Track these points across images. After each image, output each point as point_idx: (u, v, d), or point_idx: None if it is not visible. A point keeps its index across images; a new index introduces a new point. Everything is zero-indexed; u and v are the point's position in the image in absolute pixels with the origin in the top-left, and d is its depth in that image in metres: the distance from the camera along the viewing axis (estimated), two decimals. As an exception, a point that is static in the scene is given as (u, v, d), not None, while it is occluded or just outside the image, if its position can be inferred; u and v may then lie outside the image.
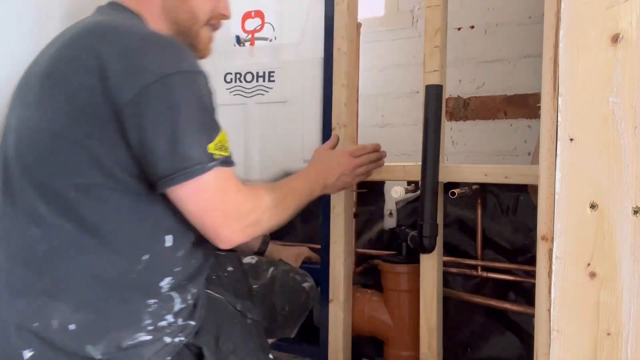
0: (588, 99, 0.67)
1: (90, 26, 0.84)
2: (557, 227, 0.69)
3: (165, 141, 0.76)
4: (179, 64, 0.79)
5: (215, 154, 0.79)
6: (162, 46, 0.81)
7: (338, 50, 1.40)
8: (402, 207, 1.78)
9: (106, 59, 0.77)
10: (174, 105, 0.76)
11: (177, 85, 0.77)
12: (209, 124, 0.81)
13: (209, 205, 0.80)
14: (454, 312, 1.60)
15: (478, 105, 2.11)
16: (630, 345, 0.66)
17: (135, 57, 0.77)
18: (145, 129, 0.76)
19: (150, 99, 0.75)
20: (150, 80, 0.75)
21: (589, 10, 0.67)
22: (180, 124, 0.76)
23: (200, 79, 0.81)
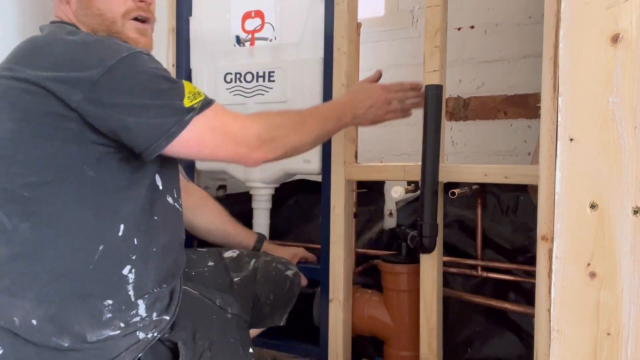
0: (588, 99, 0.67)
1: (23, 45, 0.87)
2: (557, 227, 0.69)
3: (136, 117, 0.80)
4: (117, 53, 0.81)
5: (194, 104, 0.83)
6: (95, 45, 0.84)
7: (338, 50, 1.40)
8: (402, 207, 1.78)
9: (43, 70, 0.81)
10: (130, 89, 0.81)
11: (125, 70, 0.81)
12: (171, 86, 0.84)
13: (216, 143, 0.87)
14: (454, 312, 1.60)
15: (478, 105, 2.11)
16: (630, 345, 0.66)
17: (74, 61, 0.81)
18: (113, 118, 0.80)
19: (106, 90, 0.79)
20: (97, 75, 0.79)
21: (589, 10, 0.67)
22: (145, 104, 0.81)
23: (141, 56, 0.85)
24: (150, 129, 0.81)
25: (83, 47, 0.83)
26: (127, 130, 0.81)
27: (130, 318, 0.86)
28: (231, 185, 2.25)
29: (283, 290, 1.22)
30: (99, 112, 0.80)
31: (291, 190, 1.95)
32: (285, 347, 1.65)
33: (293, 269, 1.28)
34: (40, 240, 0.81)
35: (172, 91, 0.83)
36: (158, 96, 0.82)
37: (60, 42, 0.84)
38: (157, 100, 0.82)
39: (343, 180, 1.41)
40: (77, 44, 0.83)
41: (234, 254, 1.23)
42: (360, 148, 1.60)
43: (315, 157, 1.52)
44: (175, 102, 0.82)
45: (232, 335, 1.00)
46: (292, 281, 1.25)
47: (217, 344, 0.94)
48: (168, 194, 0.96)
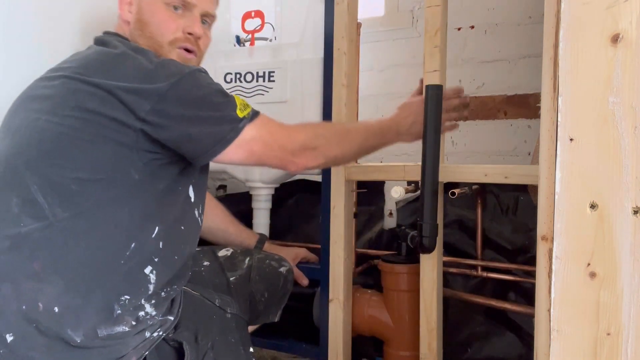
0: (588, 99, 0.67)
1: (94, 55, 0.95)
2: (557, 227, 0.69)
3: (197, 127, 0.89)
4: (181, 70, 0.90)
5: (245, 114, 0.92)
6: (161, 63, 0.92)
7: (338, 50, 1.40)
8: (402, 207, 1.78)
9: (115, 79, 0.88)
10: (193, 101, 0.89)
11: (188, 85, 0.90)
12: (225, 100, 0.93)
13: (264, 150, 0.95)
14: (454, 312, 1.60)
15: (478, 105, 2.11)
16: (630, 345, 0.66)
17: (144, 75, 0.88)
18: (176, 128, 0.88)
19: (172, 102, 0.88)
20: (165, 89, 0.87)
21: (589, 10, 0.67)
22: (202, 114, 0.90)
23: (200, 73, 0.94)
24: (209, 136, 0.90)
25: (151, 64, 0.90)
26: (189, 138, 0.89)
27: (140, 316, 0.88)
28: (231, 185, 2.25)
29: (277, 287, 1.23)
30: (164, 121, 0.87)
31: (291, 190, 1.95)
32: (285, 347, 1.65)
33: (286, 265, 1.29)
34: (77, 230, 0.85)
35: (228, 104, 0.92)
36: (216, 108, 0.91)
37: (130, 57, 0.91)
38: (216, 112, 0.91)
39: (343, 180, 1.41)
40: (145, 62, 0.90)
41: (227, 252, 1.24)
42: (360, 148, 1.60)
43: (315, 157, 1.51)
44: (230, 113, 0.91)
45: (232, 334, 1.01)
46: (286, 277, 1.26)
47: (218, 344, 0.95)
48: (196, 208, 1.01)
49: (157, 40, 1.03)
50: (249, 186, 1.66)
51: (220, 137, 0.90)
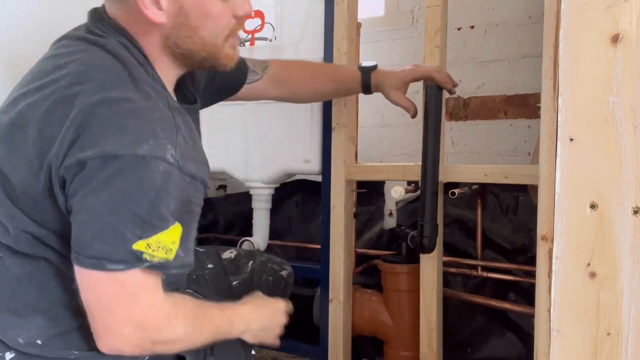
0: (588, 99, 0.67)
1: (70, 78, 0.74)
2: (557, 227, 0.69)
3: (83, 221, 0.70)
4: (135, 146, 0.68)
5: (146, 254, 0.69)
6: (128, 119, 0.70)
7: (338, 50, 1.40)
8: (402, 207, 1.78)
9: (63, 123, 0.71)
10: (106, 186, 0.68)
11: (118, 168, 0.68)
12: (145, 217, 0.69)
13: (104, 304, 0.72)
14: (454, 312, 1.60)
15: (478, 105, 2.12)
16: (630, 345, 0.66)
17: (89, 127, 0.69)
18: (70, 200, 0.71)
19: (83, 174, 0.69)
20: (90, 155, 0.68)
21: (589, 10, 0.67)
22: (99, 211, 0.69)
23: (156, 165, 0.69)
24: (77, 238, 0.70)
25: (112, 114, 0.70)
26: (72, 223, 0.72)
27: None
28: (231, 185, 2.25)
29: (277, 292, 1.22)
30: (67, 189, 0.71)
31: (291, 190, 1.95)
32: (285, 347, 1.65)
33: (287, 269, 1.28)
34: (58, 272, 0.78)
35: (141, 223, 0.69)
36: (122, 216, 0.68)
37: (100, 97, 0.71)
38: (116, 217, 0.68)
39: (343, 180, 1.41)
40: (110, 107, 0.71)
41: (231, 254, 1.23)
42: (360, 148, 1.61)
43: (315, 157, 1.52)
44: (127, 235, 0.68)
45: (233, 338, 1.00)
46: (287, 281, 1.26)
47: (219, 347, 0.94)
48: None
49: (212, 42, 0.84)
50: (249, 186, 1.66)
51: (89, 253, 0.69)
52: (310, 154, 1.52)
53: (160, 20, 0.78)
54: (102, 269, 0.69)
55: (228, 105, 1.63)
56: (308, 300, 1.58)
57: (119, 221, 0.69)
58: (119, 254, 0.69)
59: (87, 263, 0.70)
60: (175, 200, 0.72)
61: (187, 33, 0.81)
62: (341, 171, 1.41)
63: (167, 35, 0.81)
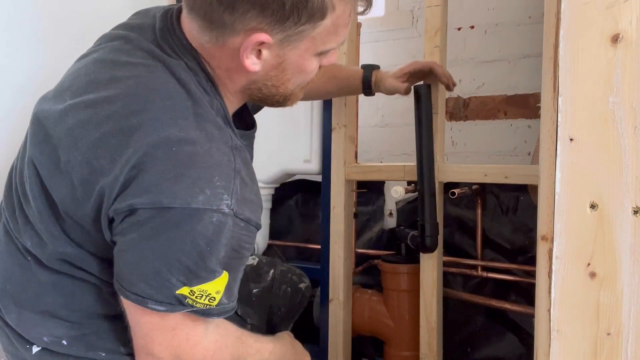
0: (588, 99, 0.67)
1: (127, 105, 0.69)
2: (557, 227, 0.69)
3: (129, 261, 0.69)
4: (189, 199, 0.65)
5: (189, 299, 0.69)
6: (185, 167, 0.66)
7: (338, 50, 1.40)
8: (402, 207, 1.78)
9: (116, 159, 0.67)
10: (156, 235, 0.66)
11: (169, 219, 0.65)
12: (192, 268, 0.68)
13: (145, 332, 0.72)
14: (454, 312, 1.60)
15: (478, 105, 2.11)
16: (630, 345, 0.66)
17: (143, 171, 0.66)
18: (117, 237, 0.70)
19: (133, 220, 0.66)
20: (143, 204, 0.65)
21: (589, 10, 0.67)
22: (150, 256, 0.67)
23: (210, 217, 0.67)
24: (121, 275, 0.70)
25: (168, 158, 0.66)
26: (116, 257, 0.71)
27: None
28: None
29: (294, 303, 1.22)
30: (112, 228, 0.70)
31: (291, 190, 1.95)
32: (285, 347, 1.64)
33: (306, 282, 1.27)
34: (83, 286, 0.79)
35: (188, 272, 0.67)
36: (169, 263, 0.67)
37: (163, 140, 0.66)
38: (163, 263, 0.67)
39: (343, 180, 1.41)
40: (168, 149, 0.66)
41: (253, 261, 1.22)
42: (360, 148, 1.60)
43: (315, 157, 1.52)
44: (172, 280, 0.67)
45: None
46: (304, 294, 1.25)
47: None
48: None
49: (292, 90, 0.81)
50: (249, 186, 1.66)
51: (134, 292, 0.68)
52: (310, 154, 1.52)
53: (255, 69, 0.73)
54: (144, 306, 0.69)
55: (228, 105, 1.63)
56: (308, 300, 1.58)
57: (165, 267, 0.67)
58: (162, 296, 0.68)
59: (130, 297, 0.69)
60: (225, 247, 0.69)
61: (276, 83, 0.78)
62: (341, 171, 1.41)
63: (255, 81, 0.77)
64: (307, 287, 1.26)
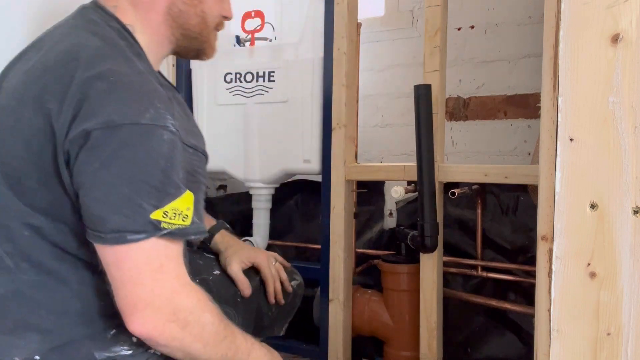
0: (588, 99, 0.67)
1: (61, 58, 0.76)
2: (557, 227, 0.69)
3: (96, 197, 0.69)
4: (137, 116, 0.70)
5: (164, 222, 0.70)
6: (127, 91, 0.72)
7: (338, 50, 1.40)
8: (402, 207, 1.78)
9: (62, 99, 0.71)
10: (115, 159, 0.69)
11: (124, 138, 0.69)
12: (159, 186, 0.70)
13: (131, 277, 0.71)
14: (454, 312, 1.60)
15: (478, 105, 2.11)
16: (630, 345, 0.66)
17: (89, 100, 0.70)
18: (79, 176, 0.70)
19: (89, 146, 0.69)
20: (94, 126, 0.68)
21: (589, 10, 0.67)
22: (111, 182, 0.69)
23: (161, 133, 0.71)
24: (91, 215, 0.70)
25: (112, 87, 0.71)
26: (79, 197, 0.71)
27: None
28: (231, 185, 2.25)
29: (286, 302, 1.20)
30: (73, 164, 0.71)
31: (291, 190, 1.95)
32: (285, 347, 1.65)
33: (297, 280, 1.25)
34: (44, 284, 0.77)
35: (156, 192, 0.70)
36: (136, 187, 0.69)
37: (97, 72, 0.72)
38: (130, 188, 0.69)
39: (343, 180, 1.41)
40: (110, 82, 0.72)
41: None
42: (360, 148, 1.61)
43: (315, 157, 1.52)
44: (143, 205, 0.69)
45: None
46: (295, 292, 1.23)
47: None
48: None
49: (207, 20, 0.91)
50: (249, 186, 1.66)
51: (109, 228, 0.69)
52: (310, 154, 1.52)
53: None
54: (124, 242, 0.69)
55: (228, 105, 1.63)
56: (308, 300, 1.58)
57: (134, 192, 0.69)
58: (138, 224, 0.69)
59: (108, 239, 0.70)
60: (182, 169, 0.74)
61: (192, 3, 0.88)
62: (341, 171, 1.41)
63: (174, 1, 0.86)
64: (300, 284, 1.24)
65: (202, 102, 1.67)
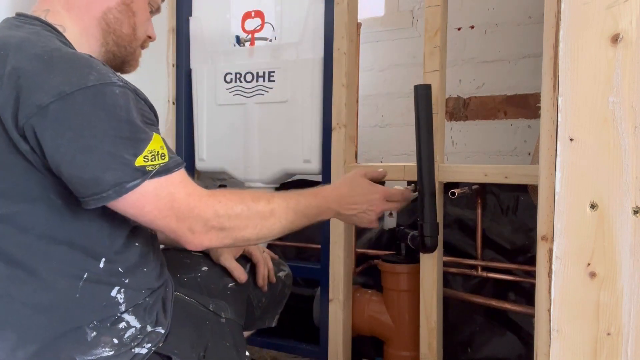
0: (588, 99, 0.67)
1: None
2: (557, 227, 0.69)
3: (82, 163, 0.72)
4: (83, 80, 0.73)
5: (148, 166, 0.74)
6: (64, 62, 0.74)
7: (338, 50, 1.40)
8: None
9: (2, 81, 0.73)
10: (79, 125, 0.72)
11: (80, 104, 0.71)
12: (131, 136, 0.74)
13: (157, 215, 0.76)
14: (454, 312, 1.60)
15: (478, 105, 2.12)
16: (630, 345, 0.66)
17: (28, 77, 0.72)
18: (56, 153, 0.72)
19: (52, 120, 0.71)
20: (48, 99, 0.70)
21: (589, 10, 0.67)
22: (90, 145, 0.72)
23: (111, 89, 0.74)
24: (85, 181, 0.72)
25: (50, 62, 0.73)
26: (63, 172, 0.73)
27: (123, 332, 0.82)
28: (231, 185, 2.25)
29: (275, 293, 1.21)
30: (40, 141, 0.72)
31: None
32: (285, 347, 1.65)
33: (285, 270, 1.27)
34: (13, 277, 0.77)
35: (130, 142, 0.73)
36: (111, 141, 0.72)
37: (29, 52, 0.75)
38: (107, 145, 0.72)
39: (343, 180, 1.41)
40: (45, 57, 0.74)
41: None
42: (360, 148, 1.61)
43: (315, 157, 1.52)
44: (125, 156, 0.72)
45: (226, 339, 0.98)
46: (284, 283, 1.24)
47: (211, 349, 0.92)
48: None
49: (137, 33, 0.96)
50: (249, 186, 1.66)
51: (102, 187, 0.72)
52: (310, 154, 1.52)
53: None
54: (125, 192, 0.73)
55: (228, 105, 1.63)
56: (308, 300, 1.58)
57: (112, 148, 0.73)
58: (128, 175, 0.73)
59: (111, 195, 0.73)
60: (141, 116, 0.77)
61: (127, 14, 0.93)
62: (341, 171, 1.41)
63: (110, 8, 0.91)
64: (287, 275, 1.26)
65: (202, 102, 1.67)
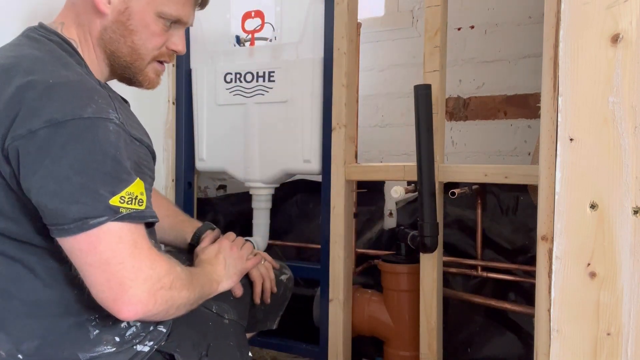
0: (588, 99, 0.67)
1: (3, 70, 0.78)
2: (557, 227, 0.69)
3: (51, 191, 0.70)
4: (79, 111, 0.72)
5: (122, 207, 0.72)
6: (67, 92, 0.74)
7: (338, 50, 1.40)
8: (402, 207, 1.78)
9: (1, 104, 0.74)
10: (64, 152, 0.70)
11: (69, 133, 0.71)
12: (113, 173, 0.73)
13: (110, 259, 0.72)
14: (454, 312, 1.60)
15: (478, 105, 2.12)
16: (630, 345, 0.66)
17: (26, 102, 0.72)
18: (30, 178, 0.71)
19: (36, 145, 0.70)
20: (39, 125, 0.70)
21: (589, 10, 0.67)
22: (64, 175, 0.70)
23: (105, 125, 0.74)
24: (49, 210, 0.71)
25: (50, 90, 0.73)
26: (32, 198, 0.72)
27: (124, 331, 0.83)
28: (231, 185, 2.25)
29: (277, 296, 1.21)
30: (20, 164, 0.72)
31: (291, 190, 1.95)
32: (285, 347, 1.65)
33: (287, 273, 1.27)
34: (15, 275, 0.78)
35: (110, 179, 0.72)
36: (90, 175, 0.71)
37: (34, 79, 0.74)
38: (84, 177, 0.70)
39: (343, 180, 1.41)
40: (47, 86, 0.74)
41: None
42: (360, 148, 1.61)
43: (315, 157, 1.52)
44: (100, 191, 0.71)
45: (229, 340, 0.98)
46: (286, 286, 1.24)
47: (214, 349, 0.93)
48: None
49: (139, 52, 0.91)
50: (249, 186, 1.66)
51: (69, 218, 0.70)
52: (310, 154, 1.52)
53: (105, 10, 0.87)
54: (88, 228, 0.70)
55: (228, 105, 1.63)
56: (308, 300, 1.58)
57: (88, 180, 0.71)
58: (97, 210, 0.71)
59: (71, 228, 0.70)
60: (129, 159, 0.76)
61: (122, 33, 0.89)
62: (341, 171, 1.41)
63: (106, 27, 0.88)
64: (289, 278, 1.26)
65: (202, 102, 1.67)
